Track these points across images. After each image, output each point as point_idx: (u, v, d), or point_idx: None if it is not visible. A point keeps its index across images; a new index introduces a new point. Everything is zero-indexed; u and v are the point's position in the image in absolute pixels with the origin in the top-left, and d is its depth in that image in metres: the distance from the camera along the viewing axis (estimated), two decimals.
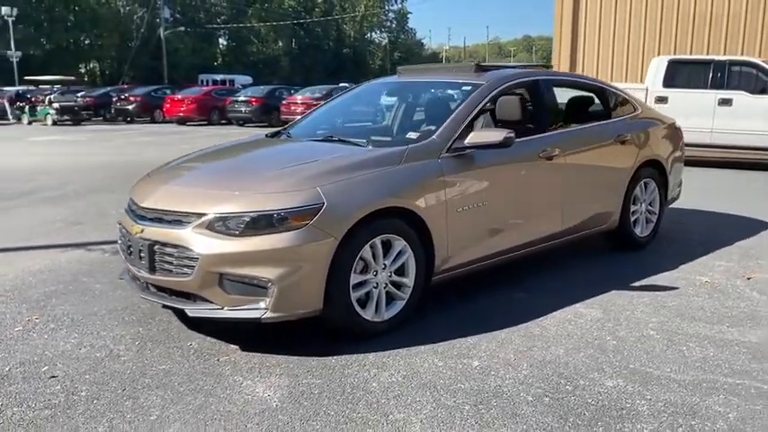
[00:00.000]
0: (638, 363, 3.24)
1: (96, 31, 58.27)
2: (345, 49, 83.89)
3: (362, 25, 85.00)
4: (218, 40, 70.25)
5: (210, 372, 3.15)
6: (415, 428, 2.64)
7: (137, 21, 57.93)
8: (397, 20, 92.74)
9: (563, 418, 2.72)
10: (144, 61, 55.69)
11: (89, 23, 57.34)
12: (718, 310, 3.98)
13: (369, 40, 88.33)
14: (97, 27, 57.81)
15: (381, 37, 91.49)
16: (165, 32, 53.34)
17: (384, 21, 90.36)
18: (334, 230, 3.25)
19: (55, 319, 3.85)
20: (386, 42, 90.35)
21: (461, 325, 3.72)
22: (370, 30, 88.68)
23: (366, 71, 78.67)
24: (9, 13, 43.66)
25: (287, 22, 71.45)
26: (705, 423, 2.68)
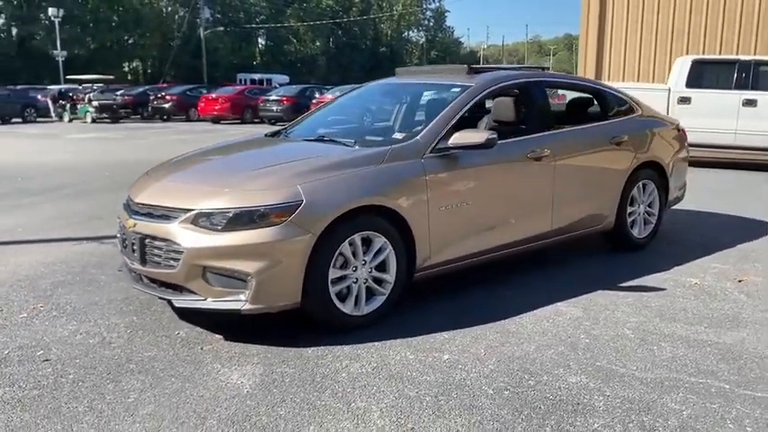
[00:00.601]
0: (606, 360, 3.31)
1: (139, 31, 59.73)
2: (382, 47, 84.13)
3: (400, 24, 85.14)
4: (257, 39, 71.22)
5: (192, 359, 3.32)
6: (374, 416, 2.77)
7: (178, 21, 59.14)
8: (434, 18, 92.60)
9: (518, 410, 2.81)
10: (185, 60, 56.86)
11: (132, 23, 58.77)
12: (701, 311, 4.00)
13: (406, 38, 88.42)
14: (140, 27, 59.23)
15: (418, 36, 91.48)
16: (205, 32, 54.29)
17: (421, 19, 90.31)
18: (313, 227, 3.39)
19: (58, 307, 4.08)
20: (423, 41, 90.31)
21: (440, 320, 3.83)
22: (407, 28, 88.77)
23: None
24: (55, 14, 45.00)
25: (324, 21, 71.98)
26: (657, 419, 2.74)
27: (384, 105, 4.96)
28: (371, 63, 76.02)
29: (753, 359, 3.31)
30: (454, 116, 4.14)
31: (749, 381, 3.08)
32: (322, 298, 3.50)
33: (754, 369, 3.20)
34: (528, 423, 2.71)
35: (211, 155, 4.46)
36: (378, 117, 4.79)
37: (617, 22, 13.95)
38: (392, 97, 4.98)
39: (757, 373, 3.15)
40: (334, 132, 4.52)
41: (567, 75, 5.27)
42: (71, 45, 51.76)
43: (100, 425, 2.70)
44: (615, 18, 13.95)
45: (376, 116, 4.82)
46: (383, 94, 5.14)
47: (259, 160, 4.06)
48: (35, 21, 51.73)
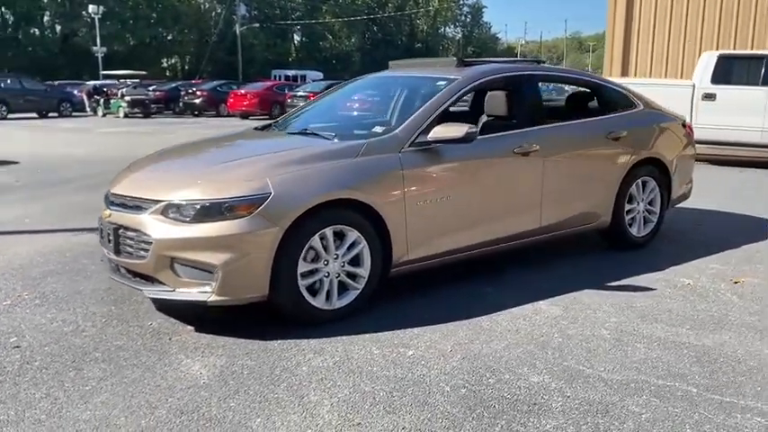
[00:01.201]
0: (574, 361, 3.22)
1: (177, 28, 60.73)
2: (418, 43, 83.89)
3: (436, 20, 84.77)
4: (292, 36, 71.71)
5: (158, 349, 3.34)
6: (323, 410, 2.74)
7: (215, 17, 59.92)
8: (471, 14, 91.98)
9: (471, 409, 2.76)
10: (221, 57, 57.59)
11: (171, 20, 59.77)
12: (686, 312, 3.87)
13: (442, 34, 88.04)
14: (178, 23, 60.21)
15: (455, 32, 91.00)
16: (241, 29, 54.87)
17: (458, 15, 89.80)
18: (281, 220, 3.38)
19: (42, 295, 4.15)
20: (459, 37, 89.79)
21: (414, 316, 3.78)
22: (443, 24, 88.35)
23: None
24: (95, 11, 46.00)
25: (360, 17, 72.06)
26: (613, 422, 2.66)
27: (374, 99, 4.92)
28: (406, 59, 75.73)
29: (728, 363, 3.19)
30: (436, 110, 4.08)
31: (719, 385, 2.96)
32: (291, 291, 3.49)
33: (727, 373, 3.08)
34: (478, 422, 2.65)
35: (192, 148, 4.48)
36: (366, 110, 4.75)
37: (644, 18, 13.61)
38: (382, 91, 4.94)
39: (730, 378, 3.04)
40: (319, 126, 4.50)
41: (563, 69, 5.13)
42: (110, 41, 52.84)
43: (53, 411, 2.73)
44: (642, 13, 13.61)
45: (364, 109, 4.78)
46: (375, 88, 5.10)
47: (236, 153, 4.07)
48: (77, 18, 52.96)
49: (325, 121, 4.74)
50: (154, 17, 59.06)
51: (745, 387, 2.95)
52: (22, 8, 53.40)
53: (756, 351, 3.33)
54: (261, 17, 65.41)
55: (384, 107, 4.79)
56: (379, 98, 4.85)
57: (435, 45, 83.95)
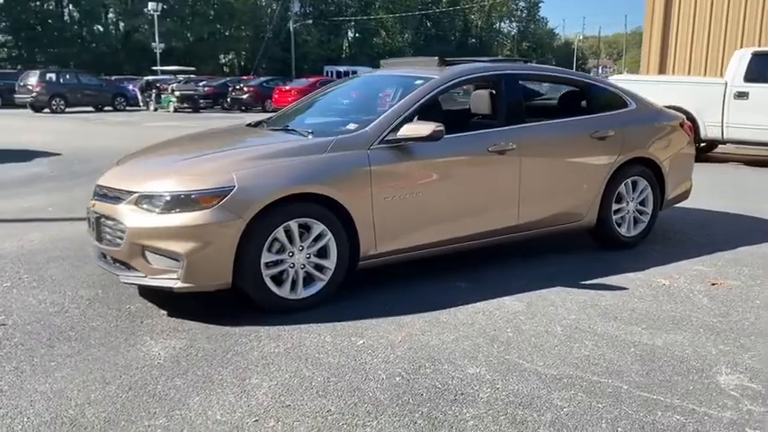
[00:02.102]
0: (517, 355, 3.29)
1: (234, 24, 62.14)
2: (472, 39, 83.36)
3: (490, 15, 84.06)
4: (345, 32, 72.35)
5: (127, 331, 3.58)
6: (260, 392, 2.91)
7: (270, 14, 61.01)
8: (527, 9, 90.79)
9: (398, 396, 2.88)
10: (275, 53, 58.69)
11: (227, 17, 61.16)
12: (649, 312, 3.88)
13: (496, 30, 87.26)
14: (234, 20, 61.58)
15: (510, 27, 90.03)
16: (294, 25, 55.70)
17: (513, 10, 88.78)
18: (244, 212, 3.56)
19: (40, 279, 4.46)
20: (514, 32, 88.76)
21: (380, 307, 3.91)
22: (498, 20, 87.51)
23: None
24: (155, 8, 47.51)
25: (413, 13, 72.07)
26: (532, 414, 2.73)
27: (360, 97, 5.05)
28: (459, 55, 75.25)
29: (671, 363, 3.21)
30: (408, 108, 4.19)
31: (652, 383, 2.99)
32: (255, 281, 3.67)
33: (665, 372, 3.11)
34: (400, 408, 2.77)
35: (176, 142, 4.72)
36: (351, 108, 4.88)
37: (684, 15, 13.26)
38: (369, 89, 5.06)
39: (666, 377, 3.06)
40: (301, 122, 4.67)
41: (550, 67, 5.08)
42: (169, 38, 54.43)
43: (16, 383, 2.98)
44: (682, 10, 13.27)
45: (350, 107, 4.92)
46: (364, 86, 5.22)
47: (213, 148, 4.26)
48: (139, 15, 54.68)
49: (312, 118, 4.90)
50: (211, 14, 60.57)
51: (678, 386, 2.97)
52: (87, 6, 55.56)
53: (705, 352, 3.33)
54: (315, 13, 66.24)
55: (367, 105, 4.92)
56: (364, 97, 4.98)
57: (489, 41, 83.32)
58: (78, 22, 57.58)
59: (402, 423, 2.67)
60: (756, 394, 2.90)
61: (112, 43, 57.70)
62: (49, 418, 2.69)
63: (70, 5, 57.62)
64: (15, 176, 9.09)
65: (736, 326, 3.68)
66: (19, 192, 7.87)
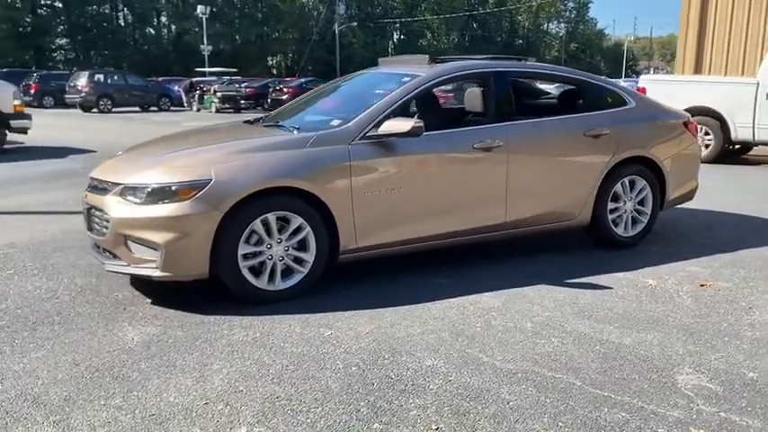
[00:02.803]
0: (479, 349, 3.31)
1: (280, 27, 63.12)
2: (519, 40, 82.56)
3: (538, 16, 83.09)
4: (391, 34, 72.56)
5: (109, 317, 3.72)
6: (217, 378, 3.00)
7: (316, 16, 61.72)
8: (576, 9, 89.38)
9: (349, 385, 2.93)
10: (321, 55, 59.33)
11: (274, 19, 62.17)
12: (626, 312, 3.83)
13: (544, 31, 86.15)
14: (281, 22, 62.54)
15: (558, 28, 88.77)
16: (339, 27, 56.21)
17: (562, 11, 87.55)
18: (220, 204, 3.67)
19: (43, 267, 4.67)
20: (563, 33, 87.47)
21: (357, 300, 3.96)
22: (546, 20, 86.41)
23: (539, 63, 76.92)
24: (203, 11, 48.65)
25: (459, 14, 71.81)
26: (477, 406, 2.75)
27: (354, 94, 5.10)
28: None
29: (633, 361, 3.17)
30: (392, 105, 4.24)
31: (607, 381, 2.97)
32: (232, 271, 3.77)
33: (624, 370, 3.08)
34: (348, 396, 2.83)
35: (174, 137, 4.87)
36: (344, 105, 4.92)
37: (720, 14, 12.88)
38: (363, 87, 5.11)
39: (623, 375, 3.03)
40: (293, 119, 4.76)
41: (545, 65, 4.98)
42: (217, 40, 55.66)
43: None
44: (719, 9, 12.89)
45: (343, 104, 4.97)
46: (359, 84, 5.27)
47: (202, 142, 4.37)
48: (189, 17, 56.06)
49: (306, 115, 4.98)
50: (259, 17, 61.64)
51: (633, 384, 2.94)
52: (139, 9, 57.25)
53: (671, 352, 3.28)
54: (361, 15, 66.69)
55: (359, 103, 4.96)
56: (358, 94, 5.03)
57: (536, 42, 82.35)
58: (131, 25, 59.37)
59: (346, 410, 2.72)
60: (712, 394, 2.85)
61: (163, 45, 59.29)
62: (14, 394, 2.84)
63: (125, 9, 59.50)
64: (46, 172, 9.47)
65: (713, 327, 3.61)
66: (45, 186, 8.21)
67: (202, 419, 2.65)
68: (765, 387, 2.92)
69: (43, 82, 27.97)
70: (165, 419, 2.65)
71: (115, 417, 2.67)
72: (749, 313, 3.82)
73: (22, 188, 8.10)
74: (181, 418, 2.66)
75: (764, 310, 3.87)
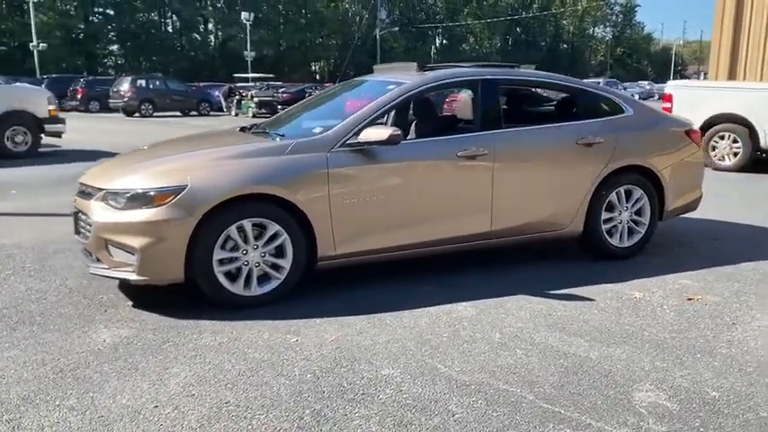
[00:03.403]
0: (439, 360, 3.28)
1: (323, 32, 63.82)
2: (563, 45, 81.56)
3: (583, 20, 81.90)
4: (433, 38, 72.55)
5: (88, 318, 3.82)
6: (174, 381, 3.05)
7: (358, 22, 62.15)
8: (623, 13, 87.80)
9: (299, 392, 2.95)
10: (362, 60, 59.62)
11: (317, 25, 62.86)
12: (602, 325, 3.74)
13: (589, 35, 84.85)
14: (324, 28, 63.22)
15: (604, 32, 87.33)
16: (381, 33, 56.50)
17: (608, 15, 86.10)
18: (195, 210, 3.73)
19: (41, 268, 4.82)
20: (609, 38, 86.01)
21: (333, 307, 3.98)
22: (591, 24, 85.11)
23: (583, 67, 75.96)
24: (247, 18, 49.55)
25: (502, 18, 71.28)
26: (420, 417, 2.74)
27: (346, 102, 5.12)
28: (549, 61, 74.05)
29: (593, 376, 3.10)
30: (374, 113, 4.25)
31: (561, 396, 2.92)
32: (207, 276, 3.83)
33: (581, 386, 3.01)
34: (296, 404, 2.84)
35: (167, 143, 4.97)
36: (334, 112, 4.95)
37: (756, 18, 12.46)
38: (355, 94, 5.13)
39: (579, 390, 2.97)
40: (282, 127, 4.81)
41: (538, 73, 4.86)
42: (261, 46, 56.65)
43: None
44: (754, 13, 12.48)
45: (333, 111, 4.99)
46: (350, 91, 5.30)
47: (186, 149, 4.45)
48: (234, 24, 57.14)
49: (296, 122, 5.02)
50: (302, 23, 62.43)
51: (587, 400, 2.88)
52: (186, 16, 58.66)
53: (637, 368, 3.19)
54: (403, 20, 66.83)
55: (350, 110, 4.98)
56: (349, 101, 5.05)
57: (581, 46, 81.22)
58: (178, 31, 60.81)
59: (289, 418, 2.74)
60: (666, 413, 2.77)
61: (209, 51, 60.55)
62: None
63: (173, 16, 61.07)
64: (71, 174, 9.74)
65: (688, 343, 3.50)
66: (64, 189, 8.46)
67: (147, 423, 2.70)
68: (725, 407, 2.83)
69: (89, 87, 28.90)
70: (111, 421, 2.71)
71: (66, 417, 2.74)
72: (731, 329, 3.69)
73: (51, 190, 8.39)
74: (127, 420, 2.72)
75: (748, 326, 3.74)
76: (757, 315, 3.91)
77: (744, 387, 3.00)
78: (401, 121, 5.54)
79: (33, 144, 11.60)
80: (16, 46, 50.23)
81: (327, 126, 4.29)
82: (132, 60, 57.69)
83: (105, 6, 56.50)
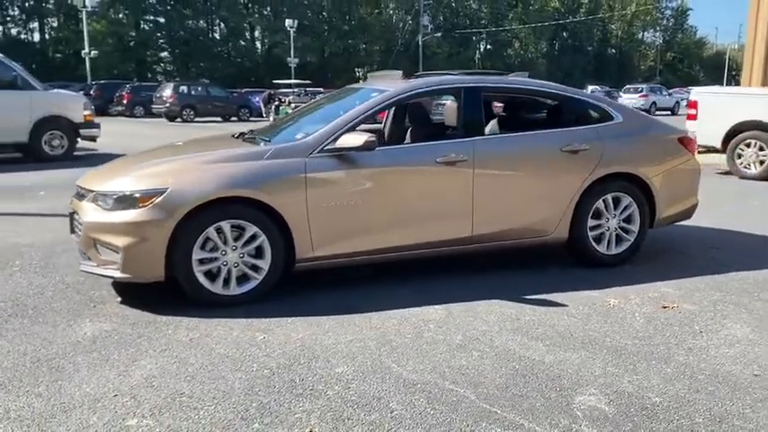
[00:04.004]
0: (395, 359, 3.38)
1: (367, 39, 64.36)
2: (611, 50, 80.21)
3: (632, 24, 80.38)
4: (477, 44, 72.29)
5: (76, 312, 4.05)
6: (138, 372, 3.23)
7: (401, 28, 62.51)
8: (674, 17, 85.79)
9: (252, 387, 3.08)
10: (404, 66, 59.79)
11: (360, 31, 63.44)
12: (567, 330, 3.78)
13: (638, 40, 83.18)
14: (367, 34, 63.76)
15: (654, 36, 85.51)
16: (423, 39, 56.65)
17: (659, 19, 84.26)
18: (174, 212, 3.92)
19: (45, 265, 5.09)
20: (659, 42, 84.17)
21: (311, 307, 4.12)
22: (641, 29, 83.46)
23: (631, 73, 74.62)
24: (291, 25, 50.37)
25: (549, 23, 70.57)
26: (359, 413, 2.84)
27: (337, 108, 5.25)
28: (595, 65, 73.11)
29: (540, 380, 3.15)
30: (353, 120, 4.38)
31: (501, 397, 2.98)
32: (187, 275, 4.01)
33: (526, 388, 3.07)
34: (246, 397, 2.98)
35: (163, 148, 5.19)
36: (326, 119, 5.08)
37: None
38: (345, 101, 5.26)
39: (522, 392, 3.03)
40: (271, 133, 4.97)
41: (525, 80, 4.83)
42: (305, 52, 57.48)
43: None
44: None
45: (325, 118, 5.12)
46: (345, 98, 5.43)
47: (177, 154, 4.65)
48: (279, 31, 58.11)
49: (287, 129, 5.18)
50: (346, 29, 63.08)
51: (526, 402, 2.94)
52: (232, 23, 59.93)
53: (587, 373, 3.23)
54: (447, 26, 66.85)
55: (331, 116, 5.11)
56: (339, 108, 5.18)
57: (630, 51, 79.70)
58: (225, 38, 62.14)
59: (235, 410, 2.88)
60: (600, 416, 2.82)
61: (254, 58, 61.68)
62: None
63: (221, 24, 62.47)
64: None
65: (648, 350, 3.51)
66: None
67: (104, 410, 2.88)
68: (663, 412, 2.85)
69: (134, 93, 29.86)
70: (71, 408, 2.89)
71: (31, 402, 2.94)
72: (696, 337, 3.68)
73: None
74: (86, 407, 2.90)
75: (714, 335, 3.72)
76: (728, 324, 3.88)
77: (688, 394, 3.02)
78: (398, 128, 5.68)
79: (69, 148, 12.11)
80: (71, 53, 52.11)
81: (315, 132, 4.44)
82: (181, 67, 59.20)
83: (156, 14, 58.19)
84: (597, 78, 62.88)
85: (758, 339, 3.65)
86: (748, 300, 4.31)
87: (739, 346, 3.56)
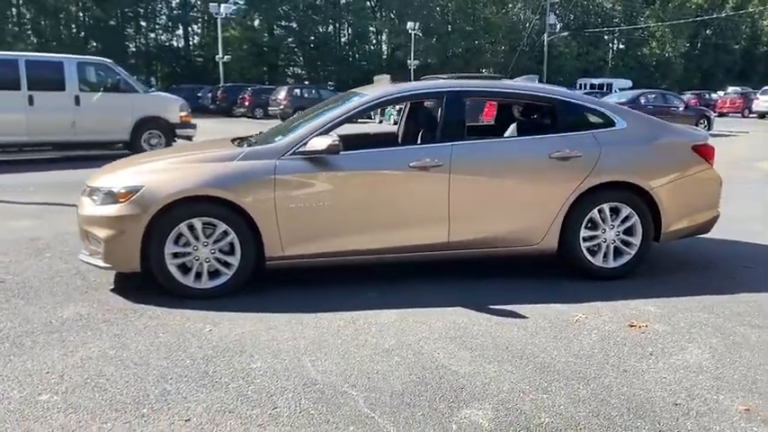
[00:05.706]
0: (313, 359, 3.44)
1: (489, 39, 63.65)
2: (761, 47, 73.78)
3: None
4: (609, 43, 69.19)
5: (68, 296, 4.44)
6: (78, 354, 3.49)
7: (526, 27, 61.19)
8: None
9: (164, 375, 3.27)
10: (528, 65, 58.55)
11: (483, 32, 62.87)
12: (507, 343, 3.65)
13: None
14: (491, 35, 63.05)
15: None
16: (549, 38, 55.13)
17: None
18: (148, 208, 4.22)
19: (60, 252, 5.52)
20: None
21: (271, 304, 4.27)
22: None
23: None
24: (413, 27, 50.92)
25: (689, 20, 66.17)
26: (243, 407, 2.96)
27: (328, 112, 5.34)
28: (741, 66, 67.61)
29: (440, 389, 3.11)
30: (326, 124, 4.48)
31: (388, 404, 2.98)
32: (160, 268, 4.30)
33: (419, 396, 3.04)
34: (154, 382, 3.17)
35: (163, 150, 5.53)
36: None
37: None
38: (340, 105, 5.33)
39: (413, 400, 3.00)
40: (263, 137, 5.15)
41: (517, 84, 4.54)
42: (427, 54, 57.82)
43: None
44: None
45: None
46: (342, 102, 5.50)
47: (168, 154, 4.96)
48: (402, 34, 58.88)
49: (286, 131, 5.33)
50: (468, 30, 62.71)
51: (409, 411, 2.92)
52: (358, 28, 61.56)
53: (493, 386, 3.13)
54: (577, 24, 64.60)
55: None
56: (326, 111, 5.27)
57: None
58: (351, 42, 63.91)
59: (134, 395, 3.07)
60: (477, 429, 2.73)
61: (377, 61, 62.91)
62: None
63: (349, 29, 64.36)
64: None
65: (577, 369, 3.33)
66: None
67: (30, 386, 3.15)
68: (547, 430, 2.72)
69: (255, 95, 31.46)
70: (5, 380, 3.22)
71: None
72: (641, 360, 3.43)
73: None
74: (16, 382, 3.19)
75: (665, 359, 3.44)
76: (690, 349, 3.58)
77: (585, 418, 2.85)
78: (410, 129, 5.69)
79: (166, 146, 13.07)
80: (210, 58, 55.85)
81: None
82: (311, 70, 61.61)
83: (288, 20, 60.97)
84: (744, 79, 58.22)
85: (708, 367, 3.34)
86: (732, 324, 3.93)
87: (682, 372, 3.28)
